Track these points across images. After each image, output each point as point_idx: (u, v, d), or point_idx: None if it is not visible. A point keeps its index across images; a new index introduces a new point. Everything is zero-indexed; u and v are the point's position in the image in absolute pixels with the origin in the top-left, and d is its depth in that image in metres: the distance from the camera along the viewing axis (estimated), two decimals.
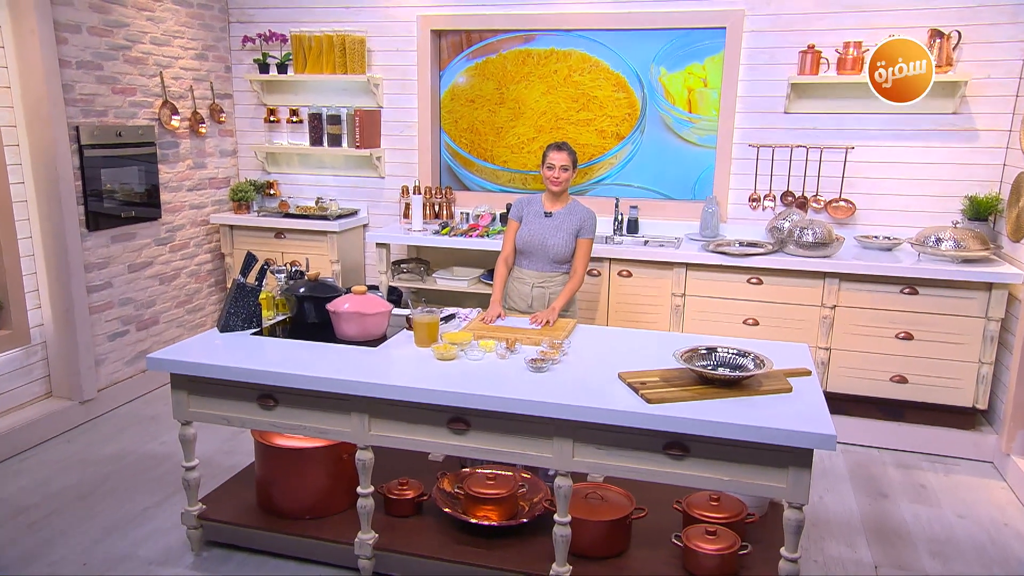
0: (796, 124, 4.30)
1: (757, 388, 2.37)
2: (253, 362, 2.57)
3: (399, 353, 2.71)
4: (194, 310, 4.99)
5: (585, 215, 3.38)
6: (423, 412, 2.43)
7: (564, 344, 2.70)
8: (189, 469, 2.78)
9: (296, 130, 5.21)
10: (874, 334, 3.84)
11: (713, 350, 2.54)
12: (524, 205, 3.48)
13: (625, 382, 2.41)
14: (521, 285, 3.45)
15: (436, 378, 2.44)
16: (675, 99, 4.63)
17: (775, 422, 2.13)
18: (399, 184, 5.03)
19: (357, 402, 2.48)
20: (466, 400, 2.33)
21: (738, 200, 4.50)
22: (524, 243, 3.41)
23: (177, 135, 4.75)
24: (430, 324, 2.73)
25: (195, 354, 2.65)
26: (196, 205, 4.96)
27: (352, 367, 2.53)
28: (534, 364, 2.50)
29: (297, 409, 2.56)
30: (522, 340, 2.77)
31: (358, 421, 2.50)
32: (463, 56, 4.95)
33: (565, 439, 2.31)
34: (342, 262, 4.85)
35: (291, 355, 2.65)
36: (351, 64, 4.86)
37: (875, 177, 4.23)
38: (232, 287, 2.94)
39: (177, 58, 4.70)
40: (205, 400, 2.67)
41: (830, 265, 3.82)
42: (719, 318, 4.04)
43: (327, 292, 2.97)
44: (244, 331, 2.91)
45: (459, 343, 2.66)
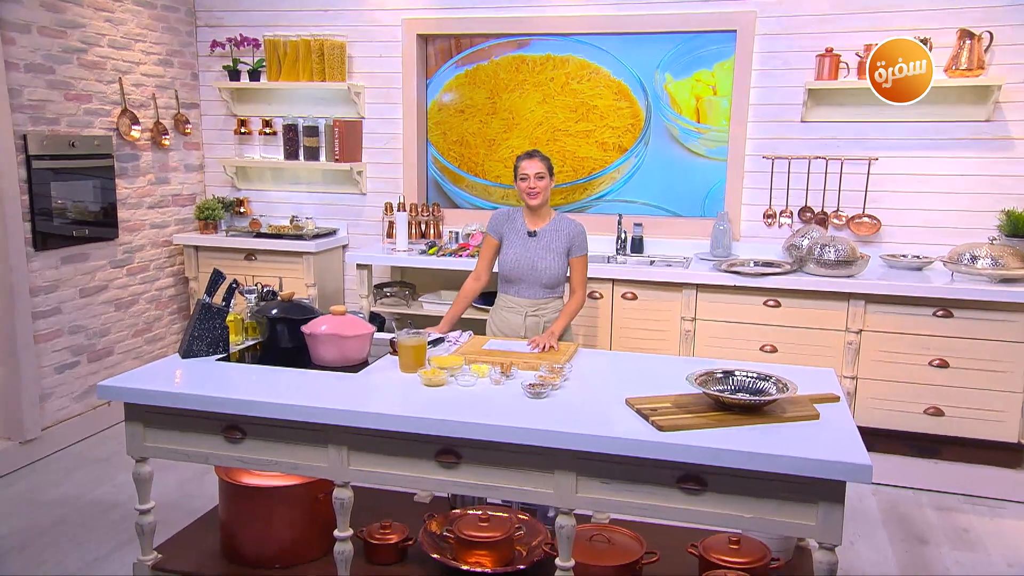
0: (814, 134, 4.34)
1: (780, 415, 2.33)
2: (218, 389, 2.52)
3: (382, 379, 2.67)
4: (153, 340, 4.93)
5: (573, 231, 3.34)
6: (409, 444, 2.38)
7: (565, 368, 2.67)
8: (144, 513, 2.69)
9: (269, 143, 5.22)
10: (905, 361, 3.83)
11: (731, 373, 2.51)
12: (503, 221, 3.39)
13: (633, 408, 2.37)
14: (512, 315, 3.38)
15: (423, 406, 2.40)
16: (682, 108, 4.66)
17: (803, 451, 2.09)
18: (382, 201, 5.02)
19: (335, 433, 2.43)
20: (457, 429, 2.28)
21: (752, 216, 4.51)
22: (510, 268, 3.34)
23: (137, 147, 4.74)
24: (416, 347, 2.69)
25: (153, 381, 2.59)
26: (158, 224, 4.93)
27: (330, 394, 2.48)
28: (532, 389, 2.46)
29: (267, 442, 2.50)
30: (519, 365, 2.73)
31: (336, 455, 2.45)
32: (452, 63, 4.99)
33: (567, 472, 2.26)
34: (319, 286, 4.83)
35: (261, 381, 2.61)
36: (330, 71, 4.88)
37: (901, 191, 4.25)
38: (196, 308, 2.89)
39: (138, 63, 4.71)
40: (163, 433, 2.60)
41: (855, 285, 3.81)
42: (734, 344, 4.01)
43: (302, 313, 2.93)
44: (209, 357, 2.86)
45: (449, 368, 2.62)
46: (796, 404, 2.42)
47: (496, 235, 3.40)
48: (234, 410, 2.46)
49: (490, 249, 3.42)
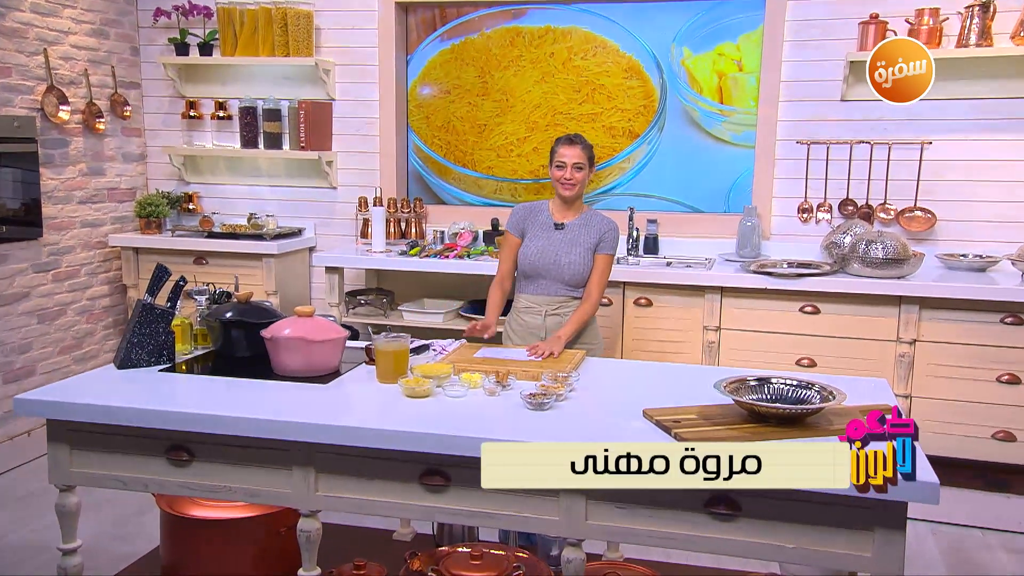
0: (856, 114, 4.35)
1: (826, 427, 2.31)
2: (161, 402, 2.50)
3: (357, 390, 2.66)
4: (84, 358, 4.88)
5: (605, 227, 3.40)
6: (388, 464, 2.36)
7: (571, 377, 2.65)
8: (68, 553, 2.64)
9: (224, 128, 5.20)
10: (968, 376, 3.81)
11: (766, 381, 2.50)
12: (526, 215, 3.47)
13: (652, 420, 2.36)
14: (530, 316, 3.40)
15: (405, 419, 2.38)
16: (702, 87, 4.67)
17: None
18: (355, 196, 5.01)
19: (300, 452, 2.40)
20: (445, 445, 2.27)
21: (784, 211, 4.51)
22: (530, 263, 3.39)
23: (66, 131, 4.71)
24: (397, 353, 2.68)
25: (82, 394, 2.57)
26: (91, 222, 4.90)
27: (294, 407, 2.47)
28: (533, 400, 2.45)
29: (220, 464, 2.48)
30: (517, 374, 2.73)
31: (301, 478, 2.42)
32: (436, 36, 5.00)
33: (575, 495, 2.24)
34: (281, 292, 4.81)
35: (213, 394, 2.59)
36: (294, 45, 4.88)
37: (960, 180, 4.26)
38: (136, 310, 2.86)
39: (67, 32, 4.70)
40: (94, 456, 2.57)
41: (907, 287, 3.81)
42: (765, 357, 4.00)
43: (262, 316, 2.92)
44: (151, 367, 2.84)
45: (435, 376, 2.61)
46: (844, 416, 2.39)
47: (518, 232, 3.45)
48: (180, 426, 2.44)
49: (512, 249, 3.46)
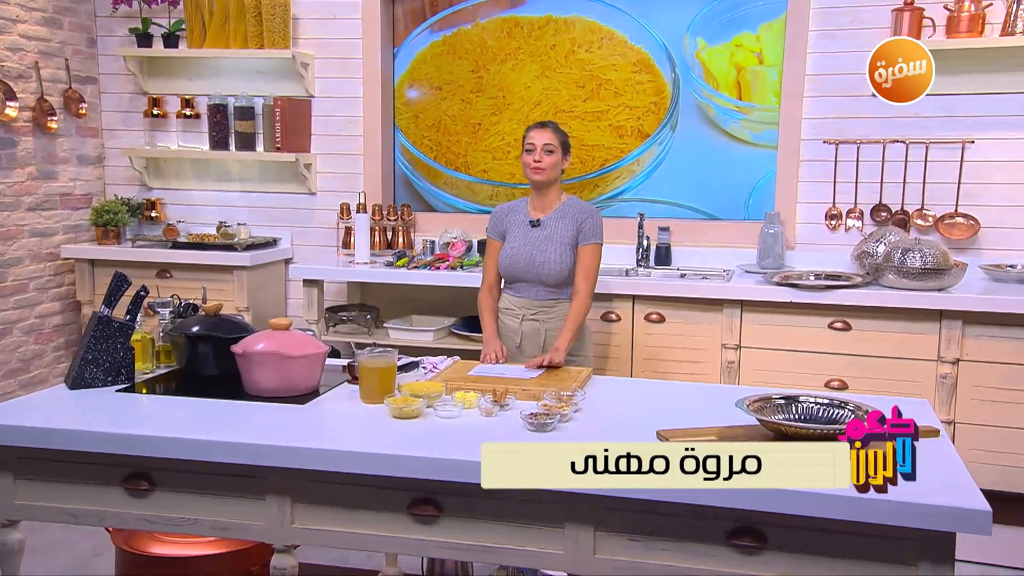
0: (890, 111, 4.34)
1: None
2: (119, 425, 2.49)
3: (338, 410, 2.66)
4: (32, 383, 4.86)
5: (583, 213, 3.46)
6: (373, 492, 2.34)
7: (576, 396, 2.65)
8: None
9: (190, 128, 5.21)
10: (1018, 400, 3.80)
11: (793, 399, 2.51)
12: (504, 215, 3.57)
13: (668, 442, 2.33)
14: (508, 319, 3.51)
15: (392, 442, 2.37)
16: (719, 82, 4.69)
17: (896, 493, 2.03)
18: (337, 202, 5.02)
19: (274, 480, 2.38)
20: (437, 470, 2.26)
21: (810, 218, 4.52)
22: (506, 264, 3.50)
23: (14, 130, 4.71)
24: (383, 370, 2.68)
25: (28, 416, 2.56)
26: (40, 231, 4.90)
27: (268, 429, 2.46)
28: (535, 420, 2.44)
29: (184, 494, 2.46)
30: (516, 393, 2.73)
31: (276, 509, 2.40)
32: (426, 27, 5.03)
33: (582, 526, 2.23)
34: (254, 308, 4.81)
35: (176, 414, 2.59)
36: (269, 36, 4.90)
37: (1005, 182, 4.27)
38: (91, 323, 2.86)
39: (16, 21, 4.71)
40: (42, 487, 2.55)
41: (949, 300, 3.80)
42: (790, 378, 3.99)
43: (232, 331, 2.91)
44: (107, 387, 2.83)
45: (425, 395, 2.61)
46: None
47: (498, 235, 3.55)
48: (139, 451, 2.43)
49: (495, 253, 3.55)
